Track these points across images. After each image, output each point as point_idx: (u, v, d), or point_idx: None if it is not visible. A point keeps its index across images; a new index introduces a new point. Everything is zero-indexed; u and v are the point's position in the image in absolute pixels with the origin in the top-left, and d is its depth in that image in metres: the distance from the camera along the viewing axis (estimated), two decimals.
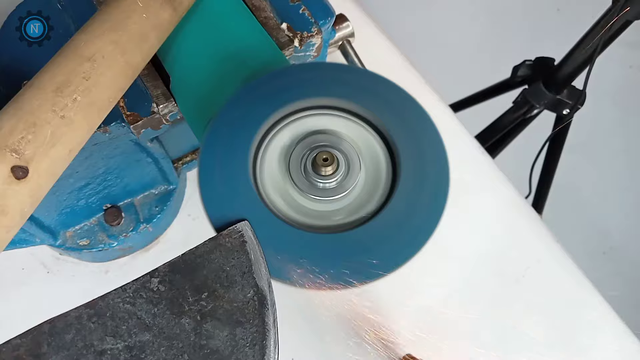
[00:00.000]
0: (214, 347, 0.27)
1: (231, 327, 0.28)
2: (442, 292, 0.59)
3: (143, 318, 0.28)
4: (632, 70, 1.85)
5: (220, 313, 0.28)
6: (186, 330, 0.28)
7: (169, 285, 0.28)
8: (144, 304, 0.28)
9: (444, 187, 0.39)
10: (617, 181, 1.71)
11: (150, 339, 0.27)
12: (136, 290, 0.28)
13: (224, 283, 0.29)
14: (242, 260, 0.30)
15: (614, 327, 0.59)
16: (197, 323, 0.28)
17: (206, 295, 0.29)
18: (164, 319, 0.28)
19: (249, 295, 0.29)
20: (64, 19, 0.49)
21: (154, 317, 0.28)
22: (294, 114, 0.42)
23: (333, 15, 0.54)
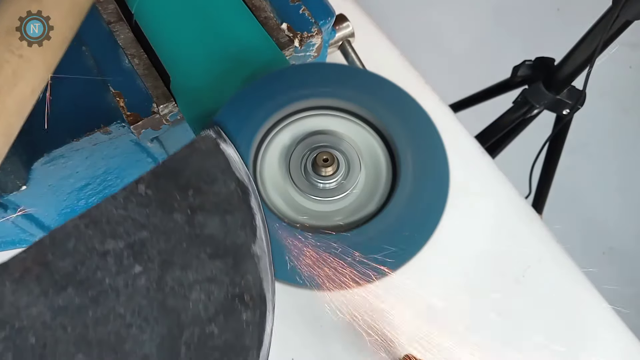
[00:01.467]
0: (208, 234, 0.30)
1: (220, 215, 0.30)
2: (442, 291, 0.59)
3: (137, 219, 0.29)
4: (632, 70, 1.85)
5: (208, 205, 0.30)
6: (180, 224, 0.30)
7: (156, 189, 0.30)
8: (135, 207, 0.29)
9: (444, 187, 0.39)
10: (617, 181, 1.71)
11: (147, 235, 0.29)
12: (126, 197, 0.30)
13: (206, 180, 0.31)
14: (219, 159, 0.32)
15: (614, 327, 0.59)
16: (189, 216, 0.30)
17: (192, 193, 0.30)
18: (157, 217, 0.29)
19: (232, 188, 0.31)
20: None
21: (148, 217, 0.29)
22: (294, 114, 0.42)
23: (333, 15, 0.54)
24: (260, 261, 0.30)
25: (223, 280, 0.29)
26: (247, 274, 0.30)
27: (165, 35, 0.46)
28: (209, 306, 0.28)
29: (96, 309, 0.27)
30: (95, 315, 0.27)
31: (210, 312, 0.28)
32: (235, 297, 0.29)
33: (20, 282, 0.27)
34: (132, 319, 0.27)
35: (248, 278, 0.29)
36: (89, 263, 0.28)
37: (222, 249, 0.30)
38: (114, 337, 0.27)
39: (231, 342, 0.28)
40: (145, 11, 0.47)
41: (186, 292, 0.28)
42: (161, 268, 0.28)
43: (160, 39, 0.47)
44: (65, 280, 0.27)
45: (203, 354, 0.27)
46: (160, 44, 0.47)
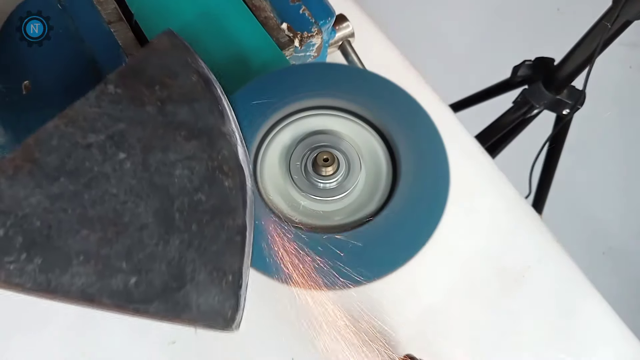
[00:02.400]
0: (180, 120, 0.33)
1: (188, 104, 0.33)
2: (442, 291, 0.59)
3: (112, 114, 0.32)
4: (632, 70, 1.85)
5: (175, 97, 0.33)
6: (152, 115, 0.32)
7: (124, 87, 0.33)
8: (108, 104, 0.32)
9: (444, 187, 0.39)
10: (617, 181, 1.71)
11: (125, 127, 0.32)
12: (97, 96, 0.32)
13: (169, 75, 0.34)
14: (177, 56, 0.35)
15: (614, 327, 0.59)
16: (159, 108, 0.32)
17: (158, 87, 0.33)
18: (130, 111, 0.32)
19: (194, 79, 0.34)
20: (64, 19, 0.49)
21: (121, 111, 0.32)
22: (294, 114, 0.42)
23: (333, 16, 0.54)
24: (232, 138, 0.33)
25: (202, 157, 0.32)
26: (222, 149, 0.33)
27: None
28: (193, 179, 0.31)
29: (90, 192, 0.30)
30: (90, 197, 0.30)
31: (195, 183, 0.31)
32: (216, 169, 0.32)
33: (14, 179, 0.29)
34: (125, 196, 0.30)
35: (224, 153, 0.33)
36: (75, 155, 0.30)
37: (195, 131, 0.32)
38: (112, 213, 0.30)
39: (218, 205, 0.31)
40: (146, 11, 0.47)
41: (170, 169, 0.31)
42: (143, 152, 0.31)
43: None
44: (56, 172, 0.30)
45: (195, 217, 0.31)
46: None
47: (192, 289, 0.30)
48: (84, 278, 0.29)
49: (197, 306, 0.30)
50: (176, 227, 0.30)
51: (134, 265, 0.29)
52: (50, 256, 0.28)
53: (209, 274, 0.30)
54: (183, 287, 0.30)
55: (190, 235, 0.30)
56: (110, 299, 0.29)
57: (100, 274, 0.29)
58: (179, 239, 0.30)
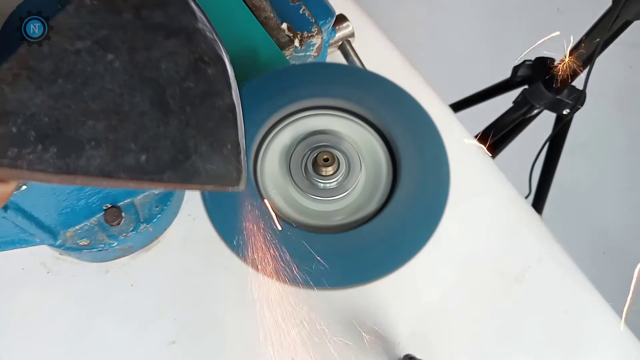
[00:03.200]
0: (157, 23, 0.35)
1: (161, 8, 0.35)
2: (442, 291, 0.59)
3: (93, 22, 0.34)
4: (632, 70, 1.85)
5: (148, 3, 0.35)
6: (130, 20, 0.35)
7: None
8: (87, 15, 0.35)
9: (444, 187, 0.39)
10: (617, 181, 1.71)
11: (107, 32, 0.34)
12: (75, 8, 0.35)
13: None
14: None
15: (614, 327, 0.59)
16: (135, 14, 0.35)
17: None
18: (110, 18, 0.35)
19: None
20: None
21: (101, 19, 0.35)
22: (294, 114, 0.42)
23: (333, 15, 0.54)
24: (207, 33, 0.36)
25: (183, 51, 0.35)
26: (200, 43, 0.35)
27: None
28: (178, 70, 0.34)
29: (88, 89, 0.33)
30: (90, 93, 0.33)
31: (181, 73, 0.34)
32: (197, 60, 0.35)
33: (15, 84, 0.32)
34: (121, 90, 0.33)
35: (202, 46, 0.35)
36: (68, 60, 0.33)
37: (172, 30, 0.35)
38: (112, 104, 0.33)
39: (206, 89, 0.35)
40: None
41: (156, 64, 0.34)
42: (129, 52, 0.34)
43: None
44: (53, 75, 0.33)
45: (188, 101, 0.34)
46: None
47: (197, 159, 0.34)
48: (99, 159, 0.32)
49: (206, 171, 0.34)
50: (172, 110, 0.34)
51: (141, 145, 0.33)
52: (64, 144, 0.32)
53: (210, 145, 0.34)
54: (189, 158, 0.33)
55: (187, 116, 0.34)
56: (126, 174, 0.32)
57: (113, 155, 0.32)
58: (177, 120, 0.34)
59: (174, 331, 0.54)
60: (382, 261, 0.36)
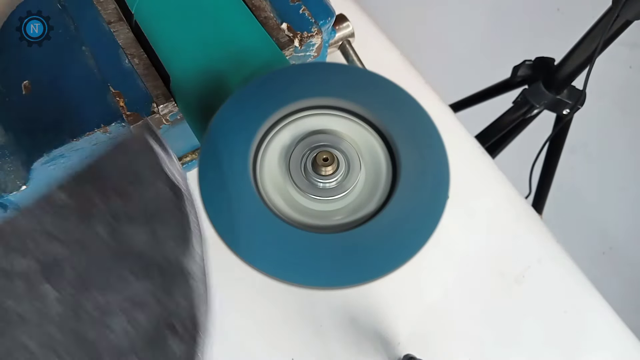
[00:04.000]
0: (135, 249, 0.25)
1: (149, 224, 0.26)
2: (442, 291, 0.59)
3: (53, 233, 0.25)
4: (632, 70, 1.85)
5: (134, 212, 0.26)
6: (102, 237, 0.25)
7: (76, 195, 0.26)
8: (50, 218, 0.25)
9: (444, 187, 0.39)
10: (617, 181, 1.71)
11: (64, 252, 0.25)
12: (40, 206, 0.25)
13: (134, 182, 0.27)
14: (150, 157, 0.27)
15: (614, 327, 0.59)
16: (112, 227, 0.25)
17: (118, 198, 0.26)
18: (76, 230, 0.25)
19: (162, 189, 0.27)
20: (64, 19, 0.49)
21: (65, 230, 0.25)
22: (294, 113, 0.42)
23: (333, 15, 0.54)
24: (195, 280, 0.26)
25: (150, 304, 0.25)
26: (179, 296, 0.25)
27: (165, 35, 0.46)
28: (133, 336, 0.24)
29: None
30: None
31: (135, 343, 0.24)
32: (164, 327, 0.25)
33: None
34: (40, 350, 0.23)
35: (179, 301, 0.25)
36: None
37: (149, 265, 0.25)
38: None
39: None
40: (145, 11, 0.47)
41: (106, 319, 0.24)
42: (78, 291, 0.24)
43: (160, 39, 0.47)
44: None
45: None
46: (160, 44, 0.47)
47: None
48: None
49: None
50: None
51: None
52: None
53: None
54: None
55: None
56: None
57: None
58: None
59: None
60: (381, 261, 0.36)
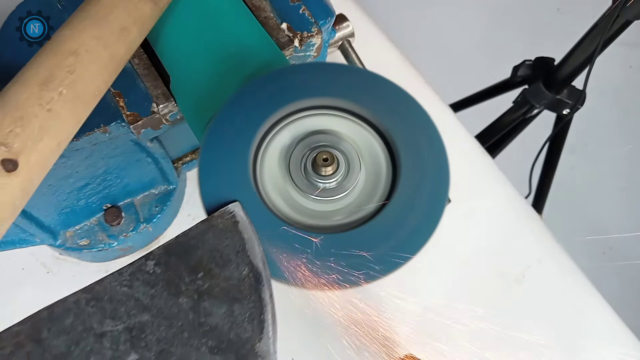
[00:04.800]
0: (212, 324, 0.28)
1: (228, 304, 0.29)
2: (442, 291, 0.59)
3: (141, 300, 0.28)
4: (632, 70, 1.85)
5: (216, 291, 0.29)
6: (184, 310, 0.28)
7: (165, 267, 0.29)
8: (140, 286, 0.28)
9: (444, 187, 0.39)
10: (617, 181, 1.71)
11: (149, 319, 0.27)
12: (132, 273, 0.28)
13: (218, 262, 0.29)
14: (236, 240, 0.30)
15: (614, 327, 0.59)
16: (195, 302, 0.28)
17: (202, 275, 0.29)
18: (162, 299, 0.28)
19: (244, 273, 0.30)
20: (64, 19, 0.49)
21: (152, 298, 0.28)
22: (294, 114, 0.42)
23: (333, 15, 0.54)
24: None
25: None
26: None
27: (165, 35, 0.46)
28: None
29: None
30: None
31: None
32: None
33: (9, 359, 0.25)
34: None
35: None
36: (84, 344, 0.26)
37: (225, 342, 0.28)
38: None
39: None
40: None
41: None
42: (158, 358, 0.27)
43: (160, 38, 0.47)
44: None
45: None
46: (160, 44, 0.47)
47: None
48: None
49: None
50: None
51: None
52: None
53: None
54: None
55: None
56: None
57: None
58: None
59: None
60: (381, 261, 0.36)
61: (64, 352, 0.26)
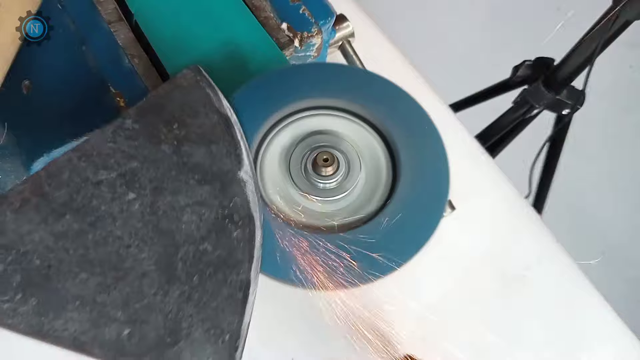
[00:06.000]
0: (195, 162, 0.32)
1: (206, 145, 0.32)
2: (442, 291, 0.59)
3: (127, 151, 0.31)
4: (632, 70, 1.85)
5: (193, 137, 0.32)
6: (168, 154, 0.31)
7: (142, 123, 0.32)
8: (124, 140, 0.31)
9: (444, 187, 0.39)
10: (617, 181, 1.71)
11: (138, 165, 0.31)
12: (114, 131, 0.31)
13: (190, 114, 0.33)
14: (201, 94, 0.33)
15: (614, 327, 0.59)
16: (175, 147, 0.32)
17: (177, 126, 0.32)
18: (146, 149, 0.31)
19: (215, 120, 0.33)
20: (64, 19, 0.49)
21: (136, 148, 0.31)
22: (294, 114, 0.42)
23: (333, 16, 0.54)
24: (247, 185, 0.32)
25: (212, 203, 0.31)
26: (235, 197, 0.32)
27: (165, 35, 0.46)
28: (201, 226, 0.30)
29: (95, 232, 0.29)
30: (94, 238, 0.29)
31: (203, 231, 0.30)
32: (225, 218, 0.31)
33: (20, 212, 0.29)
34: (129, 240, 0.29)
35: (236, 200, 0.31)
36: (84, 192, 0.30)
37: (209, 175, 0.31)
38: (114, 257, 0.29)
39: (224, 257, 0.30)
40: (145, 11, 0.47)
41: (178, 214, 0.30)
42: (153, 194, 0.30)
43: (160, 38, 0.47)
44: (63, 209, 0.29)
45: (198, 268, 0.30)
46: (160, 44, 0.47)
47: (186, 346, 0.29)
48: (77, 325, 0.28)
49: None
50: (177, 277, 0.29)
51: (129, 315, 0.28)
52: (45, 298, 0.28)
53: (205, 332, 0.29)
54: (177, 344, 0.29)
55: (191, 288, 0.29)
56: (101, 349, 0.28)
57: (94, 322, 0.28)
58: (178, 291, 0.29)
59: None
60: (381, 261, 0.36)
61: (67, 200, 0.29)
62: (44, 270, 0.28)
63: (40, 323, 0.28)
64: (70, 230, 0.29)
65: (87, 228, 0.29)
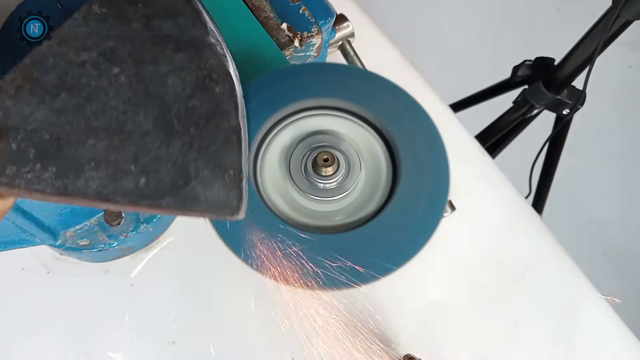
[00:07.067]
0: (166, 34, 0.34)
1: (173, 18, 0.35)
2: (442, 291, 0.59)
3: (101, 32, 0.34)
4: (632, 70, 1.86)
5: (160, 12, 0.35)
6: (139, 30, 0.34)
7: (108, 6, 0.34)
8: (95, 23, 0.34)
9: (444, 187, 0.39)
10: (617, 181, 1.71)
11: (114, 43, 0.34)
12: (84, 16, 0.34)
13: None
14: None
15: (614, 327, 0.59)
16: (145, 24, 0.34)
17: (141, 5, 0.35)
18: (118, 29, 0.34)
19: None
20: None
21: (109, 29, 0.34)
22: (294, 114, 0.42)
23: (333, 15, 0.54)
24: (217, 47, 0.35)
25: (190, 67, 0.34)
26: (209, 59, 0.35)
27: None
28: (185, 87, 0.34)
29: (91, 105, 0.32)
30: (92, 110, 0.32)
31: (188, 91, 0.34)
32: (205, 77, 0.34)
33: (17, 97, 0.31)
34: (125, 107, 0.33)
35: (211, 62, 0.35)
36: (72, 72, 0.32)
37: (182, 44, 0.35)
38: (115, 123, 0.32)
39: (212, 109, 0.34)
40: None
41: (163, 80, 0.34)
42: (135, 66, 0.33)
43: None
44: (56, 89, 0.32)
45: (192, 121, 0.33)
46: None
47: (198, 185, 0.32)
48: (98, 181, 0.31)
49: (205, 199, 0.32)
50: (176, 131, 0.33)
51: (141, 167, 0.32)
52: (63, 164, 0.31)
53: (211, 171, 0.33)
54: (189, 183, 0.32)
55: (190, 138, 0.33)
56: (124, 198, 0.31)
57: (112, 177, 0.31)
58: (180, 142, 0.33)
59: (174, 331, 0.54)
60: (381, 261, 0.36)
61: (58, 82, 0.32)
62: (55, 142, 0.31)
63: (64, 185, 0.31)
64: (69, 106, 0.32)
65: (83, 102, 0.32)
